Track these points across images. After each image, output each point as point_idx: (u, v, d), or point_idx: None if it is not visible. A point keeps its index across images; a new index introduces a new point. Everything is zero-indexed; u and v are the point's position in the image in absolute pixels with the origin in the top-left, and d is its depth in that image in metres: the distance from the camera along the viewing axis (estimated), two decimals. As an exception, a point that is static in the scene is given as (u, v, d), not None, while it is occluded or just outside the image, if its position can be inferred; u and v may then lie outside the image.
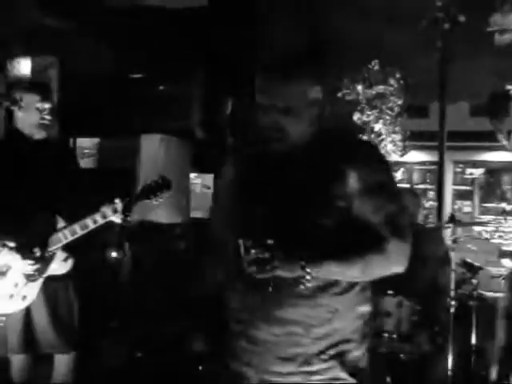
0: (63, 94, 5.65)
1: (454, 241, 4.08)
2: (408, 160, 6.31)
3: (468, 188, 8.19)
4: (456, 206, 7.93)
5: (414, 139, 6.21)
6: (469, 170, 8.24)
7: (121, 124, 5.28)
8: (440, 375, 3.89)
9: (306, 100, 2.05)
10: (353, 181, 2.01)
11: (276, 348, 2.08)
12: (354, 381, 2.07)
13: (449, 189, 7.45)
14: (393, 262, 2.02)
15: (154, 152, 4.81)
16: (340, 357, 2.06)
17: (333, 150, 2.07)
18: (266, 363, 2.11)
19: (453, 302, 3.88)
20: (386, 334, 3.82)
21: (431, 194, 7.56)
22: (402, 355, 3.81)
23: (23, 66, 6.20)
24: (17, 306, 3.25)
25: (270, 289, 1.96)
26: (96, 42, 5.64)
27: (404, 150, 5.94)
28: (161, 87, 5.48)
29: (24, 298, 3.25)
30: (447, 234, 4.77)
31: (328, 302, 2.05)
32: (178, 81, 5.41)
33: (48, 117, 3.40)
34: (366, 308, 2.15)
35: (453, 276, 3.98)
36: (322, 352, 2.06)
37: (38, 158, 3.41)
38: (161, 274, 4.68)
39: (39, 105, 3.38)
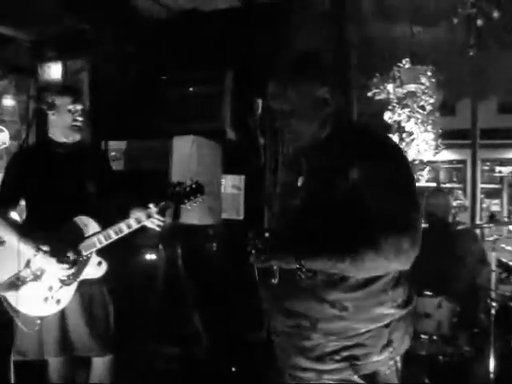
0: (94, 97, 5.67)
1: (494, 240, 3.99)
2: (434, 159, 6.18)
3: (496, 186, 8.11)
4: (484, 205, 7.83)
5: (441, 137, 6.12)
6: (498, 168, 8.15)
7: (152, 125, 5.27)
8: (481, 377, 3.81)
9: (311, 101, 2.14)
10: (356, 177, 2.03)
11: (291, 340, 2.18)
12: None
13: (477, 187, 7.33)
14: (390, 259, 1.98)
15: (186, 153, 4.78)
16: (353, 360, 2.08)
17: (343, 148, 2.12)
18: (286, 355, 2.21)
19: (493, 303, 3.79)
20: (426, 336, 3.74)
21: (459, 192, 7.46)
22: (441, 357, 3.72)
23: (54, 71, 6.24)
24: (51, 310, 3.26)
25: (275, 280, 2.11)
26: (126, 44, 5.65)
27: (437, 149, 5.85)
28: (191, 88, 5.46)
29: (58, 301, 3.26)
30: (484, 233, 4.68)
31: (335, 298, 2.08)
32: (208, 82, 5.40)
33: (80, 118, 3.41)
34: (386, 311, 2.11)
35: (493, 276, 3.89)
36: (334, 352, 2.09)
37: (72, 162, 3.42)
38: (196, 275, 4.68)
39: (71, 106, 3.39)
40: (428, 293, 3.89)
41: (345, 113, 2.31)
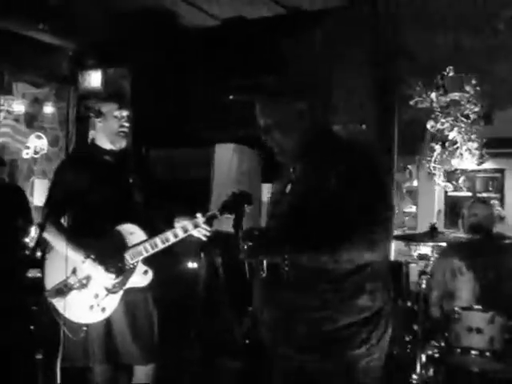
0: (135, 105, 5.67)
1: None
2: (470, 168, 6.05)
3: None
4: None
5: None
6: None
7: (194, 134, 5.27)
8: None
9: (292, 114, 2.31)
10: (332, 179, 2.20)
11: (279, 330, 2.32)
12: (344, 378, 2.22)
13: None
14: (363, 251, 2.18)
15: (227, 162, 4.78)
16: (334, 352, 2.22)
17: (323, 155, 2.31)
18: (277, 346, 2.35)
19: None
20: (477, 352, 3.62)
21: (495, 202, 7.28)
22: (492, 374, 3.60)
23: (94, 78, 6.28)
24: (96, 317, 3.26)
25: (263, 274, 2.30)
26: (167, 52, 5.66)
27: (481, 159, 5.72)
28: (232, 96, 5.44)
29: (103, 309, 3.25)
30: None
31: (318, 289, 2.22)
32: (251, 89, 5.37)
33: (126, 124, 3.41)
34: (365, 303, 2.23)
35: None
36: (316, 344, 2.22)
37: (119, 169, 3.41)
38: (236, 283, 4.66)
39: (117, 113, 3.38)
40: (478, 307, 3.78)
41: (325, 123, 2.50)
